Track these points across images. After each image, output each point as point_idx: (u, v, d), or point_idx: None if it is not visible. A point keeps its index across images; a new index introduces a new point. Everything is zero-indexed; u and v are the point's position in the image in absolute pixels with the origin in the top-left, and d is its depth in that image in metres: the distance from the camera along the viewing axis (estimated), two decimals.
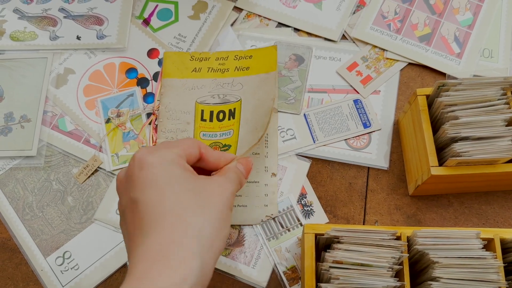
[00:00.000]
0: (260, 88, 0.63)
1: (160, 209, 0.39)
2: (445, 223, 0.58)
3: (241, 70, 0.65)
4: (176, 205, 0.39)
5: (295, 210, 0.59)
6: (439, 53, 0.66)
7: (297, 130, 0.63)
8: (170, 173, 0.41)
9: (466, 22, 0.68)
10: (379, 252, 0.46)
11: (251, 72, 0.64)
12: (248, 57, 0.65)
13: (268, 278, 0.56)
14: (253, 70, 0.64)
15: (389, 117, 0.63)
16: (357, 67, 0.66)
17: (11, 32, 0.69)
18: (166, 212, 0.39)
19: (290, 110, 0.64)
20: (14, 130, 0.63)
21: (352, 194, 0.60)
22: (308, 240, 0.49)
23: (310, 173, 0.61)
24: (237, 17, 0.70)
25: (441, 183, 0.55)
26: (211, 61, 0.66)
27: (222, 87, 0.64)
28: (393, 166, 0.61)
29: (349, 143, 0.62)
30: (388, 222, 0.58)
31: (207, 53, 0.67)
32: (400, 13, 0.69)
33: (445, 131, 0.51)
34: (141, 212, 0.39)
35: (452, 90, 0.52)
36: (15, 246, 0.58)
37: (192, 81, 0.65)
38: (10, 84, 0.65)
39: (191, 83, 0.65)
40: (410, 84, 0.65)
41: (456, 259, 0.46)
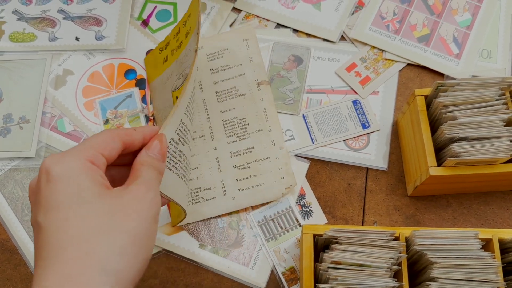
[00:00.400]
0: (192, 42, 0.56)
1: (62, 238, 0.34)
2: (444, 223, 0.58)
3: (188, 35, 0.58)
4: (80, 233, 0.34)
5: (294, 211, 0.59)
6: (438, 53, 0.66)
7: (295, 131, 0.63)
8: (78, 190, 0.35)
9: (465, 22, 0.68)
10: (377, 252, 0.46)
11: (190, 32, 0.57)
12: (188, 18, 0.59)
13: (267, 279, 0.56)
14: (191, 30, 0.57)
15: (388, 118, 0.63)
16: (355, 67, 0.66)
17: (10, 33, 0.69)
18: (68, 241, 0.34)
19: (288, 111, 0.64)
20: (13, 131, 0.63)
21: (351, 195, 0.60)
22: (306, 241, 0.49)
23: (309, 174, 0.61)
24: (236, 18, 0.70)
25: (440, 184, 0.55)
26: (171, 43, 0.62)
27: (182, 62, 0.58)
28: (392, 167, 0.61)
29: (348, 143, 0.62)
30: (387, 222, 0.58)
31: (168, 36, 0.63)
32: (399, 14, 0.69)
33: (444, 132, 0.51)
34: (43, 240, 0.34)
35: (451, 90, 0.52)
36: (14, 248, 0.58)
37: (165, 73, 0.62)
38: (9, 85, 0.65)
39: (165, 74, 0.62)
40: (409, 85, 0.65)
41: (454, 259, 0.46)
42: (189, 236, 0.58)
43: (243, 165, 0.60)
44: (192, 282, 0.56)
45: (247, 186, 0.59)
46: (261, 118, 0.62)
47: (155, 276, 0.56)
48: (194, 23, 0.54)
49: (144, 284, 0.56)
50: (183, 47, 0.59)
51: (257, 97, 0.63)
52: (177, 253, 0.57)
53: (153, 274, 0.56)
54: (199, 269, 0.57)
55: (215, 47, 0.66)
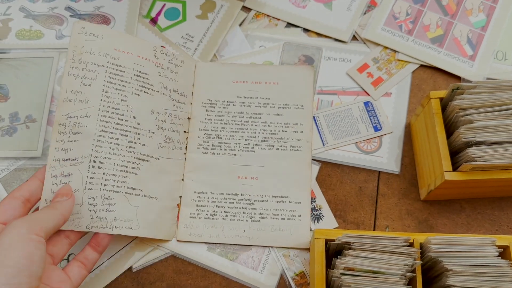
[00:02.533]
0: None
1: None
2: (457, 229, 0.57)
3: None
4: None
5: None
6: (452, 55, 0.65)
7: None
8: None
9: (479, 23, 0.67)
10: (391, 259, 0.45)
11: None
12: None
13: (276, 283, 0.55)
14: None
15: (401, 120, 0.62)
16: (368, 68, 0.65)
17: (17, 30, 0.68)
18: None
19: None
20: (19, 130, 0.62)
21: (362, 199, 0.59)
22: (318, 246, 0.48)
23: (319, 176, 0.60)
24: (245, 17, 0.69)
25: (455, 188, 0.53)
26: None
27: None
28: (405, 170, 0.60)
29: (360, 146, 0.61)
30: (399, 227, 0.57)
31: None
32: (412, 14, 0.68)
33: (460, 135, 0.49)
34: None
35: (467, 93, 0.51)
36: None
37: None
38: (16, 83, 0.65)
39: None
40: (422, 87, 0.64)
41: (470, 267, 0.44)
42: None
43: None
44: (200, 285, 0.55)
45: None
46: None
47: (162, 279, 0.55)
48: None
49: (152, 287, 0.55)
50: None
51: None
52: (185, 256, 0.56)
53: (160, 277, 0.55)
54: (207, 272, 0.56)
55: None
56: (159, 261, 0.56)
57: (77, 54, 0.55)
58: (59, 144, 0.52)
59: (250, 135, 0.61)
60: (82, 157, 0.52)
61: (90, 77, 0.55)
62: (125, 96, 0.56)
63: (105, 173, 0.53)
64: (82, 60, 0.55)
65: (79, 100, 0.54)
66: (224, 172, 0.59)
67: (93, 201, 0.52)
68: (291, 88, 0.63)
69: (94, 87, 0.55)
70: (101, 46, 0.57)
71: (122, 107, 0.56)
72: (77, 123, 0.53)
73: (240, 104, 0.62)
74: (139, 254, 0.56)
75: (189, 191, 0.58)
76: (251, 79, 0.64)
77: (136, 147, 0.56)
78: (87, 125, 0.53)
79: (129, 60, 0.58)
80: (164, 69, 0.61)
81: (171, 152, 0.59)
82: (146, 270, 0.56)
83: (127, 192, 0.54)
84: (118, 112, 0.56)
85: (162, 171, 0.58)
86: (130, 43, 0.59)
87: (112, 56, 0.57)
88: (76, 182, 0.52)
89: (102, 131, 0.54)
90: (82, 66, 0.55)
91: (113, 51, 0.57)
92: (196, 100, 0.62)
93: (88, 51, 0.56)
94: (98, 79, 0.55)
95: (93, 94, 0.55)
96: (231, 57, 0.66)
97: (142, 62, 0.59)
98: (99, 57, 0.56)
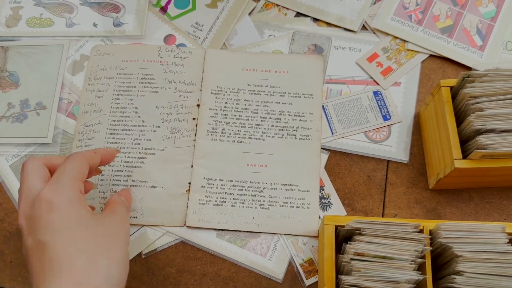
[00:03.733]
0: None
1: (70, 252, 0.41)
2: (466, 217, 0.57)
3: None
4: (85, 249, 0.42)
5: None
6: (461, 45, 0.65)
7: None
8: (77, 217, 0.43)
9: (489, 14, 0.67)
10: (401, 245, 0.45)
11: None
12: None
13: (285, 270, 0.55)
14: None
15: (410, 110, 0.62)
16: (377, 58, 0.65)
17: (27, 18, 0.68)
18: (76, 255, 0.41)
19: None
20: (29, 117, 0.62)
21: (371, 187, 0.59)
22: (328, 232, 0.48)
23: (328, 165, 0.60)
24: (255, 6, 0.69)
25: (464, 177, 0.54)
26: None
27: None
28: (413, 160, 0.60)
29: (369, 135, 0.61)
30: (407, 216, 0.57)
31: None
32: (422, 4, 0.68)
33: (470, 123, 0.49)
34: (50, 254, 0.41)
35: (478, 81, 0.51)
36: None
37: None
38: (26, 71, 0.65)
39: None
40: (431, 76, 0.64)
41: (480, 253, 0.45)
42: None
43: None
44: (209, 271, 0.55)
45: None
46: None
47: (171, 264, 0.56)
48: None
49: (161, 272, 0.55)
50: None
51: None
52: (194, 242, 0.56)
53: (170, 263, 0.56)
54: (216, 258, 0.56)
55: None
56: (169, 247, 0.57)
57: (93, 73, 0.64)
58: (78, 150, 0.60)
59: (260, 123, 0.61)
60: None
61: (102, 89, 0.63)
62: (131, 100, 0.62)
63: (114, 170, 0.59)
64: (96, 77, 0.64)
65: (93, 110, 0.62)
66: (234, 159, 0.60)
67: (104, 195, 0.58)
68: (300, 77, 0.63)
69: (106, 98, 0.63)
70: (111, 61, 0.64)
71: (128, 109, 0.62)
72: (92, 130, 0.61)
73: (250, 92, 0.63)
74: (148, 240, 0.57)
75: (199, 178, 0.59)
76: (261, 67, 0.64)
77: (141, 143, 0.60)
78: (99, 130, 0.61)
79: (135, 67, 0.64)
80: (169, 65, 0.64)
81: (178, 141, 0.60)
82: (155, 256, 0.56)
83: (131, 185, 0.58)
84: (125, 115, 0.62)
85: (168, 160, 0.59)
86: (136, 51, 0.65)
87: (120, 67, 0.64)
88: (91, 180, 0.57)
89: (111, 133, 0.61)
90: (97, 81, 0.64)
91: (121, 63, 0.64)
92: (205, 87, 0.63)
93: (102, 68, 0.64)
94: (109, 90, 0.63)
95: (104, 103, 0.62)
96: (241, 46, 0.66)
97: (146, 65, 0.64)
98: (110, 71, 0.64)
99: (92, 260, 0.41)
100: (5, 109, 0.63)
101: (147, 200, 0.58)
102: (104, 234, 0.44)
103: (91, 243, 0.42)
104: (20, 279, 0.56)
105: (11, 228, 0.58)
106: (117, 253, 0.44)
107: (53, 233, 0.41)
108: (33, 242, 0.42)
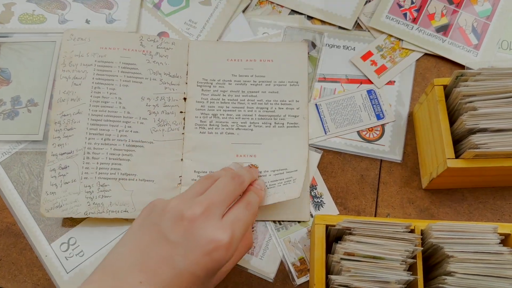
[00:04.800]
0: None
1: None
2: (459, 217, 0.57)
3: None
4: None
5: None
6: (456, 44, 0.65)
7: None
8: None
9: (484, 13, 0.66)
10: (392, 245, 0.45)
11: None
12: None
13: (276, 269, 0.55)
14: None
15: (404, 109, 0.62)
16: (371, 56, 0.64)
17: (19, 14, 0.67)
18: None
19: None
20: (21, 114, 0.62)
21: (363, 187, 0.59)
22: (318, 231, 0.48)
23: (321, 164, 0.60)
24: (248, 3, 0.69)
25: (457, 176, 0.53)
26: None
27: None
28: (407, 159, 0.60)
29: (362, 134, 0.61)
30: (400, 215, 0.57)
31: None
32: (417, 3, 0.67)
33: (463, 122, 0.49)
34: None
35: (471, 80, 0.50)
36: (19, 231, 0.57)
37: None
38: (18, 67, 0.64)
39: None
40: (426, 75, 0.63)
41: (472, 253, 0.44)
42: None
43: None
44: None
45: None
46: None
47: None
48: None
49: None
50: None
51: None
52: None
53: None
54: None
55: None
56: None
57: (67, 58, 0.62)
58: (56, 140, 0.58)
59: (247, 113, 0.61)
60: (77, 150, 0.58)
61: (80, 77, 0.61)
62: (113, 89, 0.61)
63: (99, 163, 0.57)
64: (72, 63, 0.61)
65: (71, 99, 0.60)
66: (223, 151, 0.59)
67: (90, 189, 0.56)
68: (285, 65, 0.63)
69: (84, 86, 0.60)
70: (88, 47, 0.62)
71: (111, 100, 0.60)
72: (70, 120, 0.59)
73: (236, 82, 0.62)
74: None
75: (189, 171, 0.58)
76: (246, 57, 0.64)
77: (127, 135, 0.59)
78: (79, 120, 0.59)
79: (115, 55, 0.62)
80: (153, 55, 0.63)
81: (167, 134, 0.59)
82: None
83: (121, 178, 0.57)
84: (108, 105, 0.60)
85: (158, 153, 0.59)
86: (116, 38, 0.63)
87: (99, 55, 0.62)
88: (73, 173, 0.57)
89: (94, 124, 0.59)
90: (72, 68, 0.61)
91: (100, 50, 0.62)
92: (191, 80, 0.62)
93: (77, 54, 0.62)
94: (87, 77, 0.61)
95: (83, 92, 0.60)
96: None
97: (128, 54, 0.63)
98: (87, 58, 0.62)
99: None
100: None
101: (138, 194, 0.57)
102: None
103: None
104: (10, 277, 0.55)
105: (1, 225, 0.57)
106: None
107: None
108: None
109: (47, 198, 0.56)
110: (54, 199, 0.56)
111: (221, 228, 0.42)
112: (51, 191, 0.56)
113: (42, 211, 0.55)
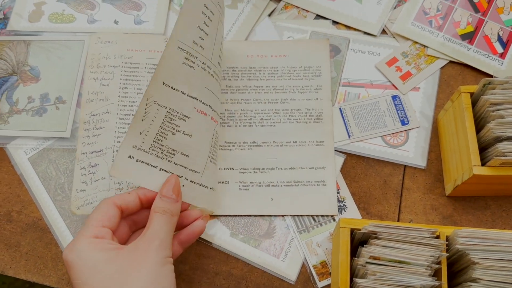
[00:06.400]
0: None
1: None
2: (482, 225, 0.57)
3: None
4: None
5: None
6: (482, 52, 0.65)
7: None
8: (93, 265, 0.42)
9: (510, 22, 0.66)
10: (418, 250, 0.45)
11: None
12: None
13: (298, 271, 0.55)
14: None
15: (428, 115, 0.62)
16: (396, 62, 0.64)
17: (49, 14, 0.69)
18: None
19: None
20: (49, 111, 0.63)
21: (386, 192, 0.59)
22: (343, 235, 0.48)
23: (344, 168, 0.60)
24: (274, 7, 0.69)
25: (482, 184, 0.53)
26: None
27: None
28: (431, 165, 0.60)
29: (386, 140, 0.61)
30: (423, 222, 0.57)
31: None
32: (442, 10, 0.67)
33: (490, 130, 0.49)
34: None
35: (499, 88, 0.50)
36: (45, 226, 0.58)
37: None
38: (47, 65, 0.66)
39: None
40: (450, 83, 0.64)
41: (497, 261, 0.44)
42: (221, 224, 0.57)
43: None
44: (222, 270, 0.56)
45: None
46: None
47: (185, 262, 0.56)
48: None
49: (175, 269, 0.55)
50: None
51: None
52: (208, 240, 0.57)
53: (183, 260, 0.56)
54: (229, 257, 0.56)
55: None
56: None
57: (95, 60, 0.64)
58: (85, 140, 0.60)
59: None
60: (106, 148, 0.59)
61: (107, 78, 0.63)
62: (140, 89, 0.63)
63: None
64: (100, 65, 0.64)
65: (99, 99, 0.62)
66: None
67: (119, 185, 0.58)
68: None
69: (112, 86, 0.63)
70: (115, 50, 0.65)
71: (138, 99, 0.62)
72: (99, 119, 0.61)
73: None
74: None
75: None
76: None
77: None
78: (108, 120, 0.61)
79: (142, 56, 0.65)
80: None
81: None
82: None
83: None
84: (135, 105, 0.62)
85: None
86: (141, 41, 0.66)
87: (126, 56, 0.64)
88: (103, 171, 0.58)
89: (122, 123, 0.61)
90: (100, 69, 0.64)
91: (126, 52, 0.65)
92: None
93: (105, 56, 0.64)
94: (115, 78, 0.63)
95: (111, 92, 0.62)
96: None
97: (154, 55, 0.65)
98: (114, 60, 0.64)
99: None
100: (25, 102, 0.63)
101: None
102: (121, 271, 0.42)
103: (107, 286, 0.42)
104: (35, 271, 0.56)
105: (28, 220, 0.59)
106: (136, 285, 0.42)
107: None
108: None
109: (77, 196, 0.57)
110: (84, 196, 0.57)
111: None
112: (81, 188, 0.57)
113: (72, 208, 0.57)
